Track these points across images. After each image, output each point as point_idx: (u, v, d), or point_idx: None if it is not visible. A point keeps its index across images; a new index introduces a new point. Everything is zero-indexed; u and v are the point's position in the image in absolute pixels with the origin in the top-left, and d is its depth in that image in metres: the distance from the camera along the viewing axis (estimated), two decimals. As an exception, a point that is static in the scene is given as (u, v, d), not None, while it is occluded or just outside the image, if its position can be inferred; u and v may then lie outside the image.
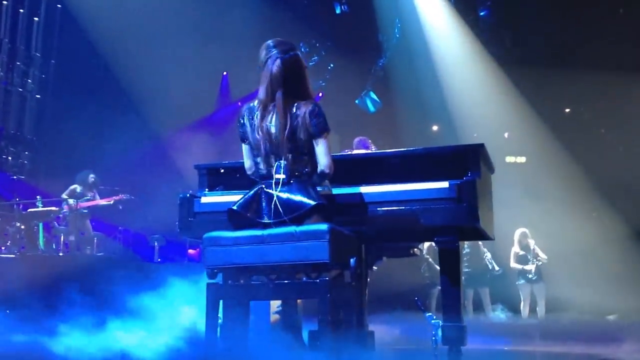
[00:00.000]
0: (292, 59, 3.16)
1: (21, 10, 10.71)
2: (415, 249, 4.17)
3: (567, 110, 11.91)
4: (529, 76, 10.60)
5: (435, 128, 12.21)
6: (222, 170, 3.70)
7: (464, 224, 3.22)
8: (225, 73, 12.03)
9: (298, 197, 3.04)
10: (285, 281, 3.01)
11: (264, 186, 3.12)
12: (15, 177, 10.16)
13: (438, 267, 8.35)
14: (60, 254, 8.03)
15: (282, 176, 3.08)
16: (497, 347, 4.89)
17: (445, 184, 3.22)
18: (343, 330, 3.14)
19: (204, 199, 3.54)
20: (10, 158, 10.50)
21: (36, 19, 10.95)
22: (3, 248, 7.94)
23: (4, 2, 10.40)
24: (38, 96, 11.04)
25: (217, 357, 3.05)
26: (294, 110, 3.10)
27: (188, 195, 3.55)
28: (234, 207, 3.11)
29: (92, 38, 10.16)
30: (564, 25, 10.19)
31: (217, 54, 10.55)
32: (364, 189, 3.32)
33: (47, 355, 3.87)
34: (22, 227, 8.19)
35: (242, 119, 3.23)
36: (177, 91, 10.21)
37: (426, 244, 8.22)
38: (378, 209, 3.28)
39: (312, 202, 3.02)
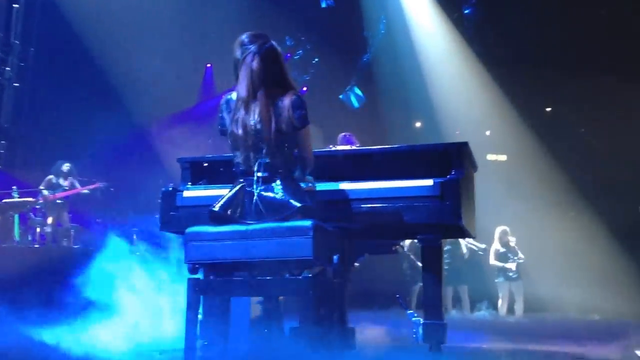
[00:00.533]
0: (269, 51, 3.13)
1: (1, -3, 10.52)
2: (397, 246, 4.17)
3: (548, 109, 12.02)
4: (511, 75, 10.69)
5: (418, 124, 12.25)
6: (205, 164, 3.66)
7: (447, 222, 3.22)
8: (209, 65, 11.94)
9: (283, 197, 3.01)
10: (268, 278, 2.98)
11: (245, 184, 3.08)
12: (-9, 166, 10.00)
13: (420, 264, 8.41)
14: (36, 246, 7.94)
15: (263, 174, 3.04)
16: (476, 344, 4.91)
17: (429, 182, 3.22)
18: (324, 327, 3.12)
19: (186, 193, 3.50)
20: (-14, 147, 10.33)
21: (16, 5, 10.75)
22: (-22, 239, 7.83)
23: (-17, -11, 10.20)
24: (16, 84, 10.84)
25: (198, 353, 3.02)
26: (278, 103, 3.07)
27: (170, 189, 3.51)
28: (215, 209, 3.06)
29: (73, 26, 10.01)
30: (546, 26, 10.26)
31: (201, 46, 10.47)
32: (348, 186, 3.31)
33: (18, 347, 3.81)
34: (-3, 217, 8.08)
35: (220, 113, 3.18)
36: (160, 82, 10.11)
37: (407, 241, 8.24)
38: (362, 205, 3.27)
39: (298, 204, 2.99)
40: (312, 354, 2.85)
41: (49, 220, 8.61)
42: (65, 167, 8.97)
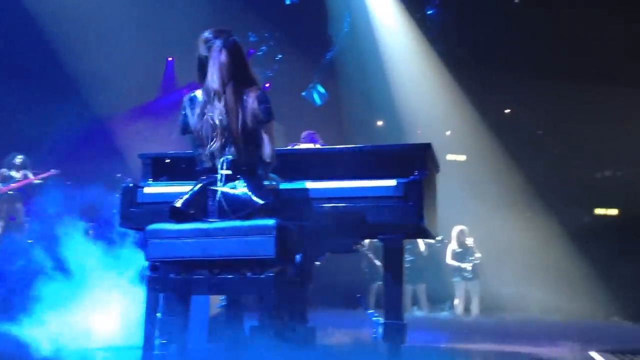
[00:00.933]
0: (235, 46, 3.14)
1: (-45, -15, 10.13)
2: (358, 245, 4.18)
3: (507, 111, 12.22)
4: (471, 76, 10.82)
5: (380, 123, 12.31)
6: (167, 160, 3.61)
7: (409, 222, 3.24)
8: (170, 58, 11.76)
9: (245, 194, 2.98)
10: (229, 276, 2.95)
11: (208, 182, 3.04)
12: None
13: (378, 263, 8.45)
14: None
15: (227, 172, 3.01)
16: (436, 344, 4.96)
17: (392, 182, 3.23)
18: (284, 327, 3.11)
19: (146, 189, 3.44)
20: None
21: (-29, -7, 10.39)
22: None
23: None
24: (-30, 74, 10.50)
25: (156, 351, 2.97)
26: (243, 97, 3.06)
27: (131, 184, 3.45)
28: (177, 205, 3.01)
29: (32, 16, 9.74)
30: (506, 29, 10.42)
31: (162, 39, 10.31)
32: (312, 185, 3.30)
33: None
34: (-51, 212, 7.83)
35: (183, 110, 3.15)
36: (120, 75, 9.91)
37: (367, 240, 8.28)
38: (324, 205, 3.26)
39: (260, 202, 2.97)
40: (271, 353, 2.83)
41: None
42: (18, 159, 8.76)
